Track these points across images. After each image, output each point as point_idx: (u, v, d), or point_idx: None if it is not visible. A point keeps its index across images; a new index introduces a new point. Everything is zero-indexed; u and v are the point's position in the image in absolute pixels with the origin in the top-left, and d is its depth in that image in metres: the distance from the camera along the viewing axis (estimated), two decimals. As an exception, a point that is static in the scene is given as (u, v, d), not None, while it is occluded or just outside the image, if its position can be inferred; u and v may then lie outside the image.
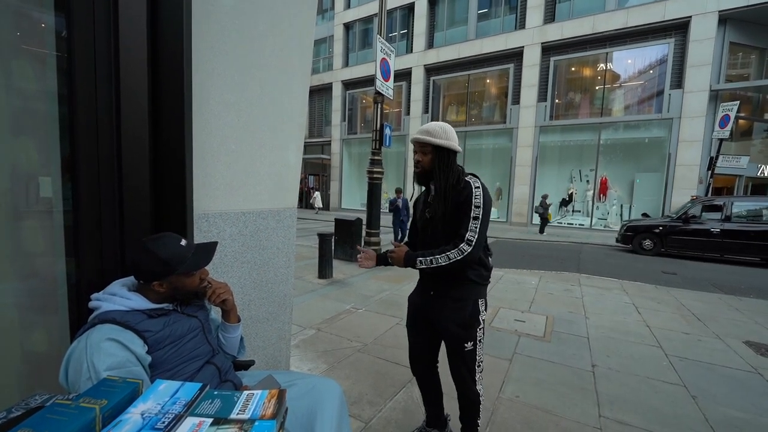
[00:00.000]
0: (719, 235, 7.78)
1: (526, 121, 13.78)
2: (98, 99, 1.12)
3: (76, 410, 0.64)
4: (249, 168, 1.64)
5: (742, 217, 7.91)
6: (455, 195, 1.43)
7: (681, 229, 8.22)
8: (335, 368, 2.51)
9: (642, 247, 8.74)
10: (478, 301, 1.48)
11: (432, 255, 1.39)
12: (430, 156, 1.46)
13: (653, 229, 8.59)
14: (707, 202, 8.47)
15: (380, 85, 6.04)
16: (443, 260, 1.37)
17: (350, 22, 19.10)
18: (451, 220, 1.43)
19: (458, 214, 1.40)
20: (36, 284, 1.20)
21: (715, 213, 8.10)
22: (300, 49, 1.82)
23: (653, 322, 3.70)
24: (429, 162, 1.47)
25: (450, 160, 1.46)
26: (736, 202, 8.08)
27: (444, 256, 1.37)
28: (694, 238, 8.09)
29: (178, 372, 1.01)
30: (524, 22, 13.79)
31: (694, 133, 11.16)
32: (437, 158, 1.45)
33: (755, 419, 2.08)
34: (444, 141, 1.44)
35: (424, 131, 1.46)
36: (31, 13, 1.18)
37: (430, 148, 1.45)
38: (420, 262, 1.40)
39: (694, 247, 8.15)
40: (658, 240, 8.50)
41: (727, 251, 7.87)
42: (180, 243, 1.05)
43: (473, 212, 1.38)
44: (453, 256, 1.36)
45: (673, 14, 11.25)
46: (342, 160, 19.49)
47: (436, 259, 1.38)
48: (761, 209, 7.90)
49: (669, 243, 8.35)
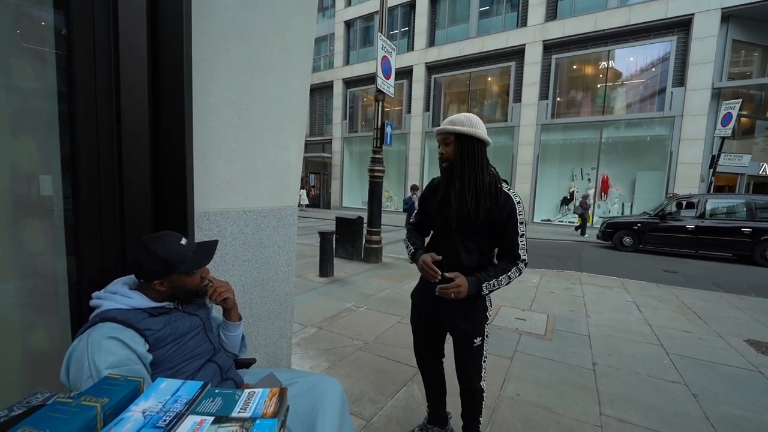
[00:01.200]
0: (694, 232, 7.99)
1: (527, 120, 13.74)
2: (98, 97, 1.12)
3: (78, 408, 0.64)
4: (250, 166, 1.64)
5: (715, 214, 8.14)
6: (492, 207, 1.34)
7: (658, 226, 8.40)
8: (336, 366, 2.51)
9: (622, 244, 8.88)
10: (485, 298, 1.48)
11: (495, 278, 1.37)
12: (452, 146, 1.36)
13: (632, 226, 8.75)
14: (682, 199, 8.76)
15: (381, 83, 6.02)
16: (505, 281, 1.39)
17: (351, 20, 19.04)
18: (482, 230, 1.37)
19: (504, 233, 1.37)
20: (37, 283, 1.20)
21: (691, 210, 8.35)
22: (301, 47, 1.81)
23: (654, 321, 3.69)
24: (452, 152, 1.36)
25: (476, 150, 1.34)
26: (710, 199, 8.28)
27: (506, 277, 1.38)
28: (670, 235, 8.28)
29: (179, 370, 1.01)
30: (526, 20, 13.74)
31: (696, 131, 11.12)
32: (460, 148, 1.34)
33: (756, 417, 2.08)
34: (468, 129, 1.32)
35: (447, 121, 1.38)
36: (31, 11, 1.18)
37: (453, 138, 1.36)
38: (485, 288, 1.37)
39: (670, 244, 8.35)
40: (637, 236, 8.66)
41: (701, 247, 8.06)
42: (180, 242, 1.05)
43: (520, 229, 1.36)
44: (514, 276, 1.39)
45: (675, 12, 11.18)
46: (343, 159, 19.47)
47: (499, 282, 1.38)
48: (733, 206, 8.15)
49: (647, 239, 8.53)
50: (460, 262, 1.41)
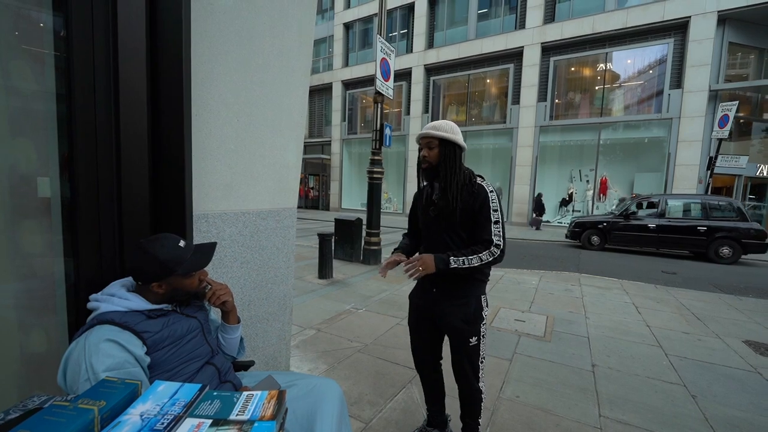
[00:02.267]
0: (655, 230, 8.31)
1: (526, 121, 13.77)
2: (97, 98, 1.12)
3: (75, 411, 0.64)
4: (248, 168, 1.64)
5: (674, 213, 8.57)
6: (468, 197, 1.43)
7: (622, 225, 8.66)
8: (335, 369, 2.50)
9: (590, 243, 9.11)
10: (480, 298, 1.49)
11: (464, 256, 1.39)
12: (436, 150, 1.47)
13: (597, 225, 9.00)
14: (644, 200, 9.07)
15: (380, 85, 6.03)
16: (476, 261, 1.38)
17: (350, 22, 19.09)
18: (462, 222, 1.44)
19: (478, 220, 1.42)
20: (34, 285, 1.19)
21: (653, 210, 8.69)
22: (300, 48, 1.81)
23: (653, 322, 3.70)
24: (435, 156, 1.47)
25: (456, 155, 1.46)
26: (669, 199, 8.66)
27: (476, 257, 1.38)
28: (633, 233, 8.55)
29: (177, 373, 1.01)
30: (524, 22, 13.79)
31: (693, 133, 11.17)
32: (443, 152, 1.46)
33: (755, 418, 2.08)
34: (450, 135, 1.44)
35: (430, 126, 1.48)
36: (30, 12, 1.17)
37: (437, 142, 1.46)
38: (452, 262, 1.38)
39: (633, 242, 8.62)
40: (603, 235, 8.90)
41: (662, 245, 8.40)
42: (178, 244, 1.05)
43: (493, 216, 1.41)
44: (485, 257, 1.38)
45: (672, 14, 11.25)
46: (342, 160, 19.47)
47: (469, 260, 1.38)
48: (689, 206, 8.59)
49: (612, 238, 8.80)
50: None
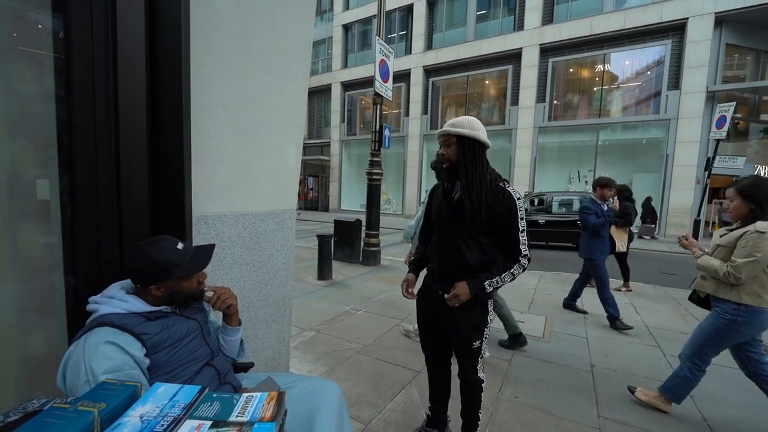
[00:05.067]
0: (544, 225, 8.94)
1: (524, 122, 13.80)
2: (96, 100, 1.12)
3: (75, 414, 0.64)
4: (248, 170, 1.64)
5: (559, 210, 9.38)
6: (493, 202, 1.37)
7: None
8: (335, 370, 2.50)
9: None
10: (487, 303, 1.48)
11: (498, 275, 1.38)
12: (453, 147, 1.40)
13: None
14: (534, 197, 9.82)
15: (379, 87, 6.04)
16: (508, 278, 1.39)
17: (349, 24, 19.11)
18: (482, 226, 1.38)
19: (505, 230, 1.39)
20: (34, 287, 1.19)
21: (542, 206, 9.39)
22: (299, 50, 1.82)
23: (652, 322, 3.70)
24: (453, 154, 1.40)
25: (477, 152, 1.38)
26: (554, 196, 9.39)
27: (509, 274, 1.39)
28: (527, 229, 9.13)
29: (176, 374, 1.01)
30: (523, 24, 13.83)
31: (691, 133, 11.20)
32: (461, 149, 1.38)
33: (753, 418, 2.09)
34: (468, 131, 1.37)
35: (448, 124, 1.42)
36: (29, 14, 1.18)
37: (454, 140, 1.39)
38: (487, 287, 1.37)
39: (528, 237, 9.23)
40: None
41: (550, 239, 9.04)
42: (177, 246, 1.05)
43: (520, 224, 1.38)
44: (517, 272, 1.39)
45: (670, 16, 11.30)
46: (341, 162, 19.47)
47: (503, 279, 1.38)
48: (570, 202, 9.44)
49: None
50: (464, 261, 1.42)
